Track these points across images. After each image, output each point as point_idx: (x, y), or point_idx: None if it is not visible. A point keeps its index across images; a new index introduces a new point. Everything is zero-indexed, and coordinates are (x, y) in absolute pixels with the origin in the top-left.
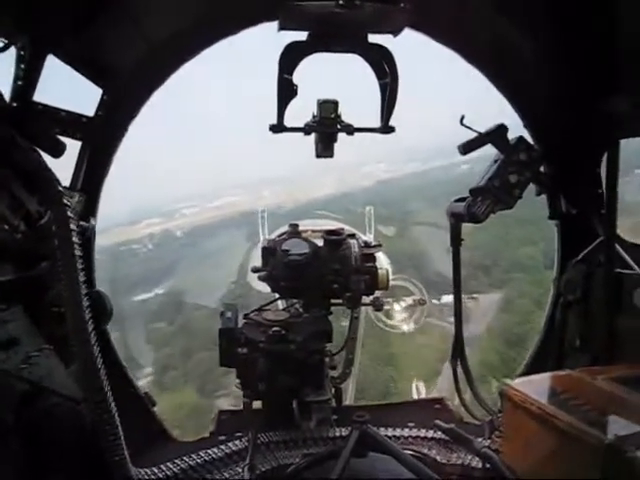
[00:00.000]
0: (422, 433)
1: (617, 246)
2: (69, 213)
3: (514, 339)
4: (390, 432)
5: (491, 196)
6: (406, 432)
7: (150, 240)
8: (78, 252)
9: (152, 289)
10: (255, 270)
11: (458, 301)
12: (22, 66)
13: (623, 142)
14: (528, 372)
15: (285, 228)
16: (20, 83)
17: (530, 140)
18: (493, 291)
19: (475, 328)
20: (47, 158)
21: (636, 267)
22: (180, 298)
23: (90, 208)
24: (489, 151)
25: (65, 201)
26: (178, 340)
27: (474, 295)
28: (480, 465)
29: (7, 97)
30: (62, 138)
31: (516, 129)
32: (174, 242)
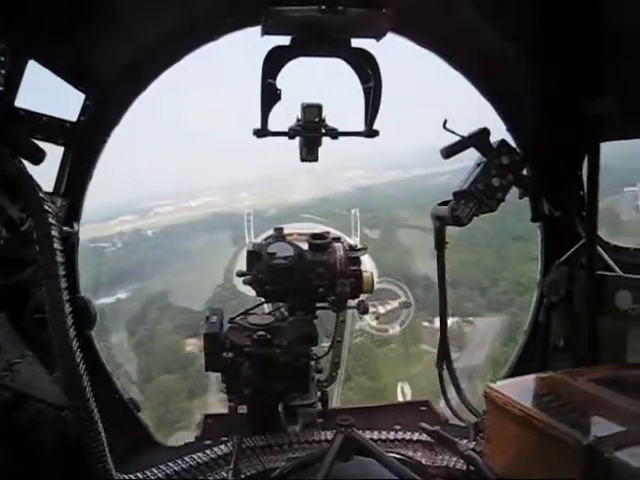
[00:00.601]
0: (407, 436)
1: (599, 248)
2: (50, 219)
3: None
4: (375, 435)
5: (474, 199)
6: (391, 435)
7: (120, 239)
8: (60, 258)
9: (115, 292)
10: (240, 274)
11: (443, 305)
12: (2, 72)
13: (613, 159)
14: (513, 373)
15: (270, 232)
16: (1, 89)
17: (512, 143)
18: (491, 314)
19: (472, 357)
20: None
21: (617, 269)
22: (145, 305)
23: (73, 213)
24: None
25: (46, 207)
26: (138, 357)
27: (469, 318)
28: (464, 467)
29: None
30: (44, 144)
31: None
32: (144, 242)
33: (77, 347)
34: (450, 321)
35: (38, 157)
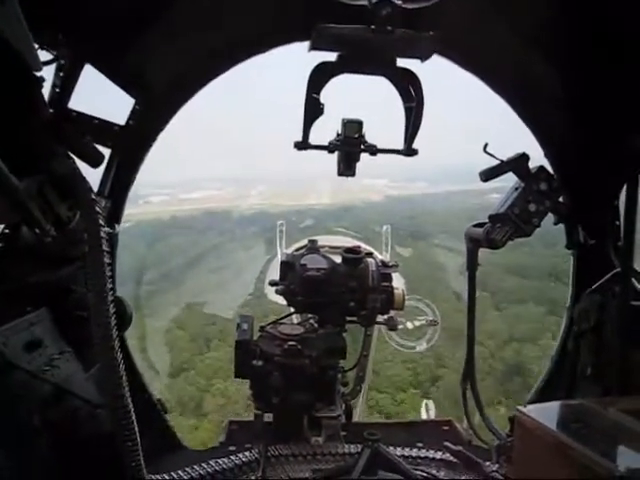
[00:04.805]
0: (431, 454)
1: (633, 279)
2: (101, 221)
3: None
4: (399, 451)
5: (510, 223)
6: (414, 452)
7: None
8: (107, 260)
9: None
10: (273, 283)
11: (471, 325)
12: (61, 74)
13: None
14: (538, 398)
15: (303, 242)
16: (57, 90)
17: (550, 170)
18: None
19: None
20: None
21: None
22: None
23: (115, 215)
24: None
25: (98, 209)
26: None
27: None
28: None
29: None
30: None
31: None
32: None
33: (118, 348)
34: None
35: (97, 160)
